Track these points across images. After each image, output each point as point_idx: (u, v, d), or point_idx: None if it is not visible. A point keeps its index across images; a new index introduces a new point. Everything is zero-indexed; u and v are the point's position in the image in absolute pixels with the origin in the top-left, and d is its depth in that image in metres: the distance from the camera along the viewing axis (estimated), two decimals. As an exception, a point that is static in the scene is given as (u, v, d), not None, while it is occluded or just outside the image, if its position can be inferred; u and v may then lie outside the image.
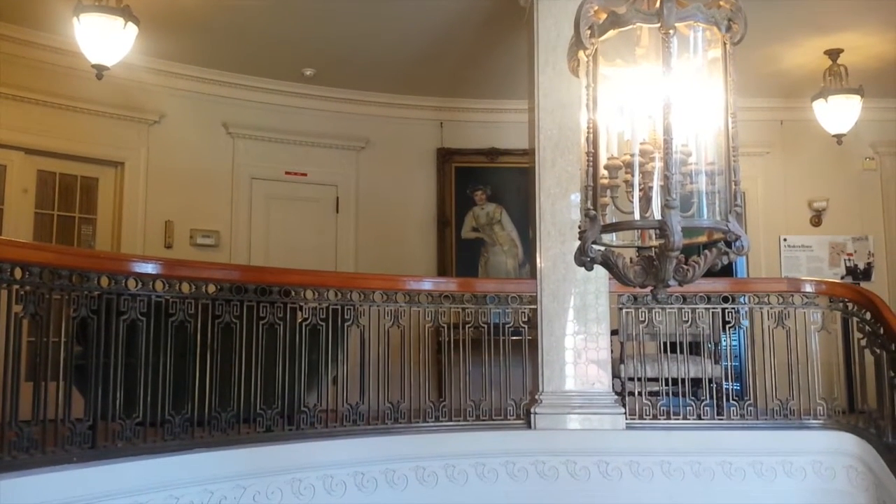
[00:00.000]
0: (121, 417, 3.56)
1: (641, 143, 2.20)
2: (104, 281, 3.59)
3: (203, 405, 3.90)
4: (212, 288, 4.04)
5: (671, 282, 2.31)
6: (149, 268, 3.78)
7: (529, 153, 5.31)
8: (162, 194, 7.07)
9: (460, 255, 7.98)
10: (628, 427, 4.72)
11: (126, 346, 3.64)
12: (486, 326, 4.91)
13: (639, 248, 2.47)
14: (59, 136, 6.62)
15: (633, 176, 2.26)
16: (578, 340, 4.83)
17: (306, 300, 4.45)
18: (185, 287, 3.90)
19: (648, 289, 2.41)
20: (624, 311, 4.96)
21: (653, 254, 2.34)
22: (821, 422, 4.73)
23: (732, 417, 4.76)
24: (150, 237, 7.00)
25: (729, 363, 5.32)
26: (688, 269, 2.32)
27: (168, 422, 3.74)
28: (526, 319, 4.95)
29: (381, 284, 4.76)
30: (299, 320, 4.39)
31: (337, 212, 7.77)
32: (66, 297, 3.45)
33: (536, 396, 4.80)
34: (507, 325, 4.94)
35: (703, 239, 2.43)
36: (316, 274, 4.81)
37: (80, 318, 3.49)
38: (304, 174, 7.66)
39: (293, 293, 4.39)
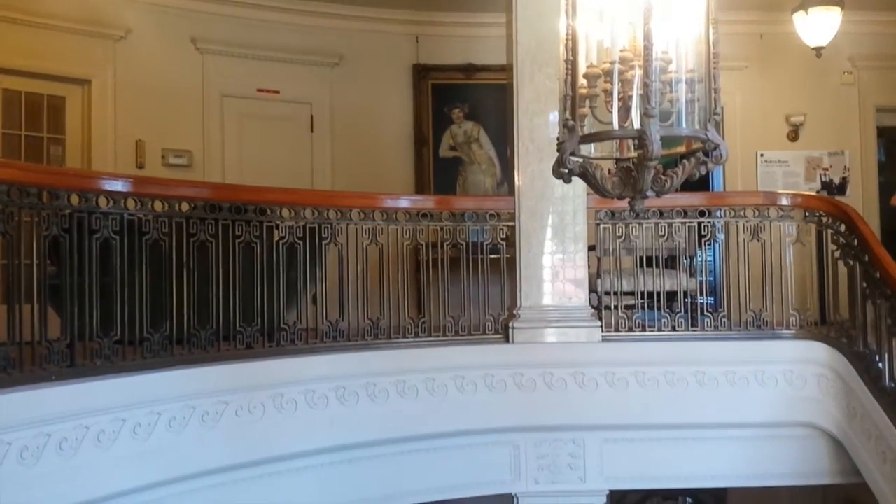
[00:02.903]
0: (98, 336, 3.54)
1: (621, 51, 2.17)
2: (74, 199, 3.52)
3: (182, 323, 3.90)
4: (185, 206, 3.99)
5: (649, 192, 2.31)
6: (118, 185, 3.70)
7: (507, 68, 5.20)
8: (132, 113, 6.92)
9: (438, 174, 7.93)
10: (604, 340, 4.80)
11: (101, 265, 3.60)
12: (464, 244, 4.91)
13: (617, 160, 2.46)
14: (22, 54, 6.42)
15: (612, 85, 2.23)
16: (556, 258, 4.85)
17: (282, 219, 4.41)
18: (158, 205, 3.84)
19: (626, 200, 2.41)
20: (601, 226, 4.97)
21: (631, 164, 2.33)
22: (793, 332, 4.83)
23: (706, 329, 4.84)
24: (122, 157, 6.89)
25: (704, 278, 5.39)
26: (665, 179, 2.32)
27: (147, 340, 3.72)
28: (504, 237, 4.95)
29: (358, 202, 4.72)
30: (276, 239, 4.35)
31: (312, 131, 7.65)
32: (35, 216, 3.39)
33: (514, 311, 4.85)
34: (485, 244, 4.95)
35: (681, 149, 2.42)
36: (291, 192, 4.75)
37: (52, 236, 3.43)
38: (277, 91, 7.50)
39: (269, 212, 4.34)
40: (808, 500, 7.41)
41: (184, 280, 3.94)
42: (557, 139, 2.33)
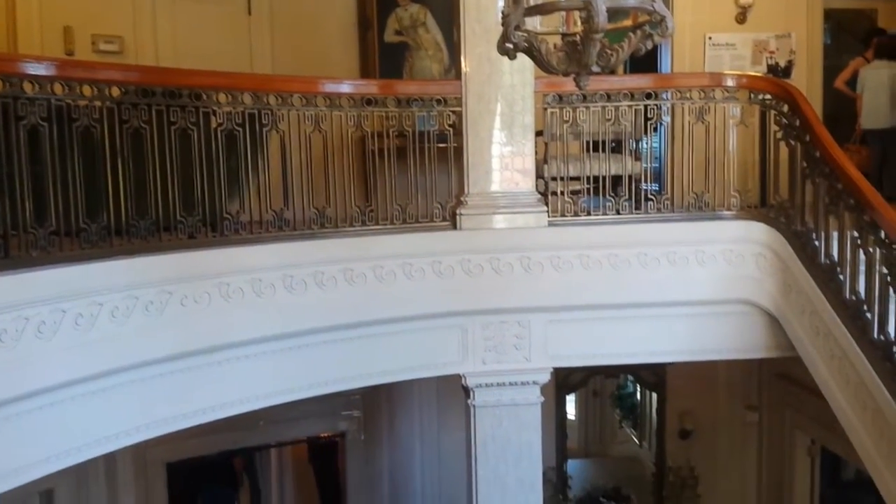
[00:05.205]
0: (32, 227, 3.43)
1: (568, -86, 2.08)
2: (-4, 84, 3.33)
3: (119, 214, 3.79)
4: (116, 91, 3.80)
5: (594, 67, 2.27)
6: (42, 69, 3.49)
7: (453, -57, 4.99)
8: (57, -4, 6.52)
9: (384, 60, 7.67)
10: (550, 225, 4.83)
11: (31, 153, 3.45)
12: (410, 132, 4.83)
13: (563, 35, 2.39)
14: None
15: (558, -48, 2.14)
16: (505, 149, 4.80)
17: (220, 104, 4.25)
18: (87, 90, 3.65)
19: (572, 79, 2.37)
20: (549, 111, 4.93)
21: (577, 39, 2.27)
22: (733, 213, 4.92)
23: (650, 212, 4.91)
24: (49, 45, 6.51)
25: (649, 164, 5.42)
26: (611, 54, 2.27)
27: (84, 230, 3.62)
28: (451, 123, 4.88)
29: (298, 87, 4.56)
30: (213, 126, 4.21)
31: (249, 14, 7.30)
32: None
33: (462, 198, 4.83)
34: (432, 131, 4.88)
35: (627, 23, 2.37)
36: (227, 76, 4.55)
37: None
38: (210, -30, 7.10)
39: (205, 97, 4.17)
40: (744, 374, 7.80)
41: (119, 169, 3.80)
42: (502, 13, 2.26)
